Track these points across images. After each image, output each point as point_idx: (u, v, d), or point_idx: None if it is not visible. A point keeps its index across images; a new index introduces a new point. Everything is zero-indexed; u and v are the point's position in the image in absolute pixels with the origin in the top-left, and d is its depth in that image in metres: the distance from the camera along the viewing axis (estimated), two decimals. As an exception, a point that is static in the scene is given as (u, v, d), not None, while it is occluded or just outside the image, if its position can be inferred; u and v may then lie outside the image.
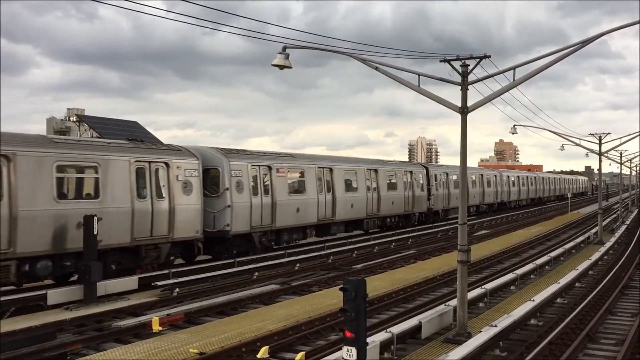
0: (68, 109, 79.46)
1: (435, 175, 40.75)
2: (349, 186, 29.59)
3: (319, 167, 27.37)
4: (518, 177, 62.51)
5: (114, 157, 17.86)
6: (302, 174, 26.42)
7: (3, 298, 14.73)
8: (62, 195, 16.46)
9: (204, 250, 21.74)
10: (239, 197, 22.26)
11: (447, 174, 42.71)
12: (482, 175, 50.97)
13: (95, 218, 15.85)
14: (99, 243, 16.02)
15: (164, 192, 19.14)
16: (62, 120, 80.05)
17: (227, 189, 21.83)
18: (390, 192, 33.55)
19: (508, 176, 58.55)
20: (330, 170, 28.29)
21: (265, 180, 23.87)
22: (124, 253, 18.02)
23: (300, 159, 27.14)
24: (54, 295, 15.34)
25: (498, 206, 54.83)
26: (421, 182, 38.19)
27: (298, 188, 26.12)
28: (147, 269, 18.90)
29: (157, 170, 19.06)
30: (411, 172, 36.87)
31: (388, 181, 33.55)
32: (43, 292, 15.30)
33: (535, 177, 70.35)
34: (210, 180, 22.01)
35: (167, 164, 19.43)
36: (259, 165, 23.67)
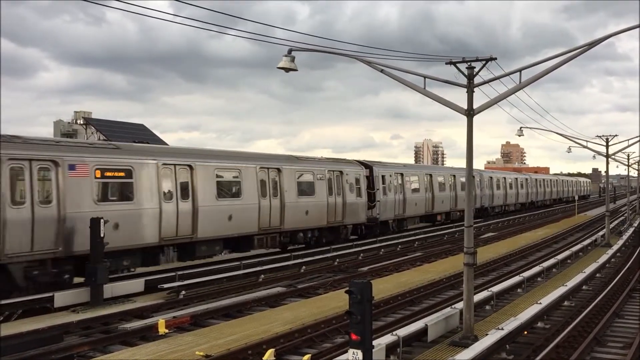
0: (75, 111, 79.69)
1: (383, 177, 32.94)
2: (225, 191, 22.04)
3: (164, 165, 19.32)
4: (504, 178, 55.24)
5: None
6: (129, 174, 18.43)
7: (10, 300, 14.79)
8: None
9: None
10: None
11: (401, 174, 35.47)
12: (455, 176, 43.23)
13: (102, 221, 15.89)
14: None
15: None
16: (69, 123, 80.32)
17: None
18: (302, 198, 25.79)
19: (491, 177, 51.28)
20: (190, 168, 20.20)
21: None
22: None
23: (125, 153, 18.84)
24: (61, 298, 15.38)
25: (478, 213, 45.98)
26: (358, 185, 30.23)
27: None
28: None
29: None
30: (341, 173, 28.91)
31: (298, 184, 25.74)
32: (50, 294, 15.35)
33: (527, 179, 63.07)
34: None
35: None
36: None
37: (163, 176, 19.12)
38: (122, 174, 18.03)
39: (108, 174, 17.53)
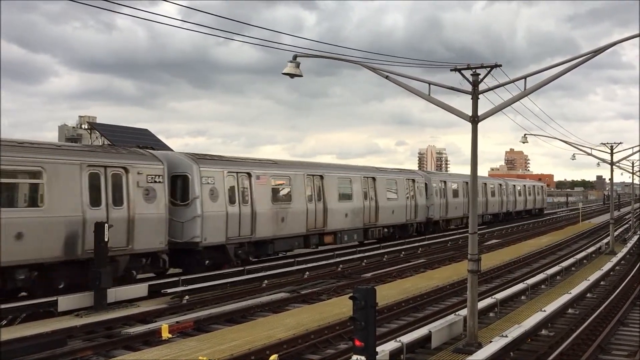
0: (80, 116, 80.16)
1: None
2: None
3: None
4: (465, 184, 42.56)
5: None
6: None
7: (14, 304, 14.81)
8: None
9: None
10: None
11: (444, 182, 40.19)
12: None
13: (106, 225, 15.93)
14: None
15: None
16: (73, 127, 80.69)
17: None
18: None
19: (445, 182, 40.86)
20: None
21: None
22: None
23: None
24: (65, 302, 15.39)
25: (422, 227, 37.29)
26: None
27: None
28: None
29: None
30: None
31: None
32: (54, 298, 15.37)
33: (501, 185, 52.24)
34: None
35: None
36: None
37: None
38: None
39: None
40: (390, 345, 10.96)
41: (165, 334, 13.23)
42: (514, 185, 56.56)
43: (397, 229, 34.45)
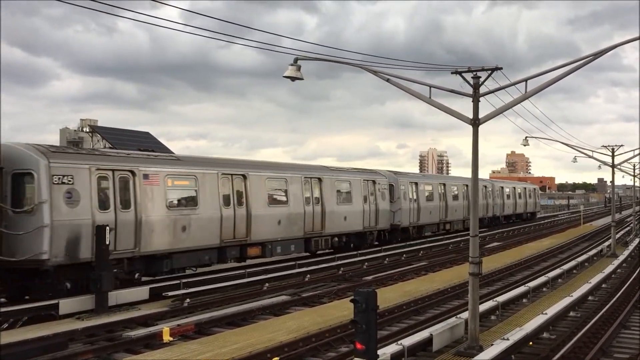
0: (81, 119, 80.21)
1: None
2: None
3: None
4: (442, 186, 39.26)
5: None
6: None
7: (15, 307, 14.82)
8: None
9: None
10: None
11: (415, 184, 35.92)
12: (349, 181, 29.07)
13: (108, 228, 15.94)
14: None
15: None
16: (75, 130, 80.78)
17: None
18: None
19: (417, 183, 36.18)
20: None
21: None
22: None
23: None
24: (66, 305, 15.39)
25: (385, 235, 32.67)
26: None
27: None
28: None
29: None
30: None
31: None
32: (55, 301, 15.37)
33: (486, 187, 47.24)
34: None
35: None
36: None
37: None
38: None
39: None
40: (392, 348, 10.94)
41: (167, 337, 13.23)
42: (502, 187, 52.42)
43: (353, 237, 29.16)
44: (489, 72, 12.17)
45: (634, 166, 46.55)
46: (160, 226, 18.45)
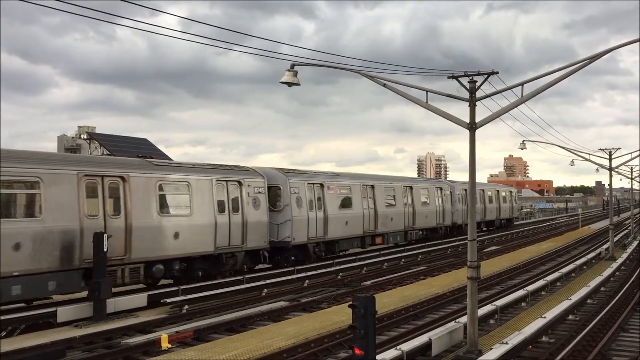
0: (79, 126, 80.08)
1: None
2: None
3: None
4: (349, 188, 29.51)
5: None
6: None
7: (13, 316, 14.78)
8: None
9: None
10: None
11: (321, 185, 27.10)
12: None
13: (105, 235, 15.91)
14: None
15: None
16: (73, 137, 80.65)
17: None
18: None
19: (313, 185, 26.84)
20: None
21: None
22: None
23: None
24: (64, 313, 15.37)
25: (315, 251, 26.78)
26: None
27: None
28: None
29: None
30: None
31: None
32: (53, 309, 15.34)
33: (441, 189, 40.13)
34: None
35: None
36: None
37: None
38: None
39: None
40: (391, 354, 10.93)
41: (165, 344, 13.19)
42: (465, 190, 40.86)
43: (200, 262, 21.07)
44: (485, 76, 12.19)
45: (632, 169, 46.61)
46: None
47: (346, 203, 28.97)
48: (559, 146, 32.43)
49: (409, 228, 35.67)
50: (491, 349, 11.55)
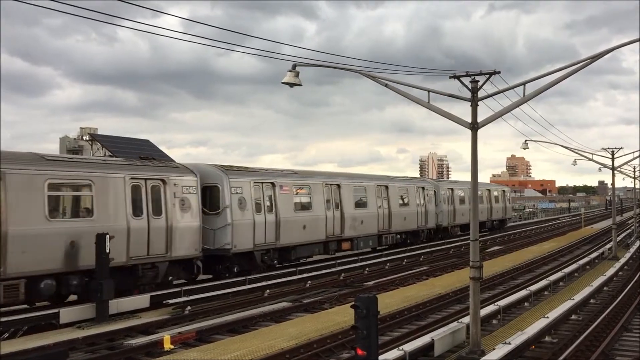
0: (81, 128, 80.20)
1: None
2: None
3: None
4: (309, 187, 26.59)
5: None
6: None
7: (16, 317, 14.79)
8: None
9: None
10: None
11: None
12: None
13: (107, 236, 15.91)
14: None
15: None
16: (74, 139, 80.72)
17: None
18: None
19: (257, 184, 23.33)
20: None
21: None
22: None
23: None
24: (67, 314, 15.38)
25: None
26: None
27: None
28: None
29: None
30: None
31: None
32: (55, 310, 15.35)
33: (424, 188, 37.08)
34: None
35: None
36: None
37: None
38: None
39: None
40: (393, 354, 10.92)
41: (168, 345, 13.19)
42: (452, 190, 40.62)
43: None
44: (487, 76, 12.18)
45: (634, 168, 46.56)
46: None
47: (305, 204, 26.01)
48: (562, 146, 32.42)
49: (383, 231, 31.66)
50: (494, 349, 11.53)
